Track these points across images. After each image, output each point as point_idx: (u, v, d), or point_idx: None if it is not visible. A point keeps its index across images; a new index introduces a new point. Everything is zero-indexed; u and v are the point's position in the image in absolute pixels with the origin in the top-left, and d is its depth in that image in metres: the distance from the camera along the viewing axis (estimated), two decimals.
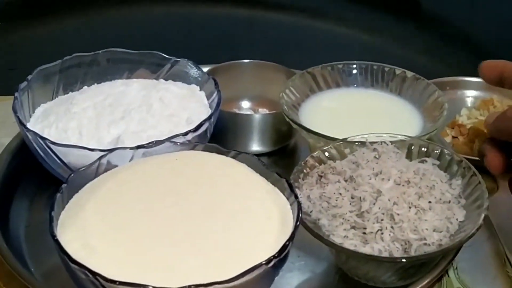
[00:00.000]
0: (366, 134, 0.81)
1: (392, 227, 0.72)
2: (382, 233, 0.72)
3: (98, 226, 0.69)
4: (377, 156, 0.78)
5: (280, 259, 0.67)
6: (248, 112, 0.99)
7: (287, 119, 0.87)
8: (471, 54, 1.19)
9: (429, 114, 0.90)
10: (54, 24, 1.14)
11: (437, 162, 0.80)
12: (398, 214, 0.72)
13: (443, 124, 0.87)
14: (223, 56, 1.02)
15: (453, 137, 0.99)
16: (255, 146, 0.95)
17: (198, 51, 1.04)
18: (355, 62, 0.96)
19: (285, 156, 0.97)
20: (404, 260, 0.71)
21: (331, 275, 0.80)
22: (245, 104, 1.01)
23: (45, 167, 0.84)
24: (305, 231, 0.72)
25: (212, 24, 1.20)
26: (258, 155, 0.93)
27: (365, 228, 0.73)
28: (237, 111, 0.99)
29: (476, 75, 1.06)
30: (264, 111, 0.99)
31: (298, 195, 0.73)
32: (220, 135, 0.92)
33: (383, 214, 0.73)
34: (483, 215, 0.73)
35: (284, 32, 1.21)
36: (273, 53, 1.04)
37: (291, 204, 0.73)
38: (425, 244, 0.72)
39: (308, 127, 0.86)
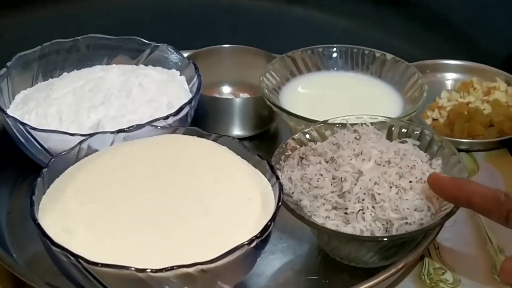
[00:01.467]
0: (347, 116, 0.81)
1: (373, 206, 0.73)
2: (363, 213, 0.72)
3: (78, 210, 0.69)
4: (357, 137, 0.79)
5: (262, 239, 0.67)
6: (229, 97, 0.99)
7: (268, 103, 0.88)
8: (450, 37, 1.19)
9: (409, 96, 0.91)
10: (31, 12, 1.13)
11: (417, 143, 0.80)
12: (379, 194, 0.73)
13: (423, 105, 0.87)
14: (202, 42, 1.02)
15: (434, 119, 0.99)
16: (236, 131, 0.95)
17: (178, 37, 1.03)
18: (335, 45, 0.96)
19: (266, 140, 0.97)
20: (385, 239, 0.72)
21: (313, 257, 0.80)
22: (226, 89, 1.01)
23: (26, 153, 0.83)
24: (288, 213, 0.73)
25: (191, 10, 1.19)
26: (240, 139, 0.93)
27: (346, 209, 0.73)
28: (218, 96, 0.99)
29: (456, 59, 1.08)
30: (244, 95, 0.99)
31: (280, 177, 0.73)
32: (201, 120, 0.92)
33: (364, 194, 0.73)
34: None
35: (263, 18, 1.21)
36: (252, 38, 1.04)
37: (272, 186, 0.73)
38: (406, 223, 0.72)
39: (288, 110, 0.86)
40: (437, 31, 1.19)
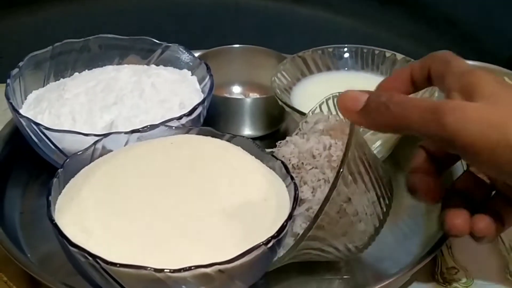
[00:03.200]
0: None
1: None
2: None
3: (94, 210, 0.70)
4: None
5: (278, 239, 0.67)
6: (239, 97, 0.99)
7: (280, 103, 0.88)
8: (457, 37, 1.20)
9: (420, 96, 0.91)
10: (42, 12, 1.13)
11: None
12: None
13: None
14: (210, 42, 1.02)
15: None
16: (247, 130, 0.95)
17: (185, 37, 1.04)
18: (345, 45, 0.97)
19: (276, 139, 0.96)
20: None
21: None
22: (236, 89, 1.01)
23: (39, 154, 0.84)
24: None
25: (199, 10, 1.20)
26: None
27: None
28: (228, 96, 0.99)
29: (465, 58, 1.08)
30: (255, 95, 0.99)
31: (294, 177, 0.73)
32: (212, 120, 0.93)
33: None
34: None
35: (271, 18, 1.21)
36: (260, 38, 1.04)
37: (287, 186, 0.73)
38: None
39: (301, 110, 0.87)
40: (443, 31, 1.20)
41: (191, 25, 1.18)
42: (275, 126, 0.97)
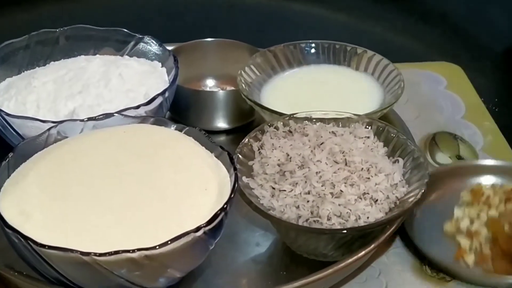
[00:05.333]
0: (313, 111, 0.83)
1: (332, 201, 0.74)
2: (322, 206, 0.73)
3: (37, 194, 0.71)
4: (319, 132, 0.80)
5: (210, 228, 0.69)
6: (210, 89, 1.00)
7: (243, 96, 0.89)
8: (448, 32, 1.19)
9: (388, 92, 0.91)
10: (35, 8, 1.16)
11: (381, 140, 0.81)
12: (339, 189, 0.74)
13: (395, 100, 0.88)
14: (199, 37, 1.03)
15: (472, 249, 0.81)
16: (219, 123, 0.96)
17: (179, 32, 1.05)
18: (317, 41, 0.97)
19: (248, 132, 0.98)
20: (345, 231, 0.72)
21: (276, 249, 0.81)
22: (210, 83, 1.02)
23: (7, 141, 0.86)
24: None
25: (192, 6, 1.22)
26: (222, 131, 0.95)
27: (307, 202, 0.74)
28: (201, 89, 1.00)
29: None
30: (228, 88, 1.00)
31: (238, 168, 0.74)
32: (183, 112, 0.95)
33: (323, 187, 0.74)
34: (422, 191, 0.75)
35: (263, 13, 1.22)
36: (252, 33, 1.05)
37: (230, 177, 0.74)
38: (363, 216, 0.73)
39: (267, 104, 0.88)
40: (435, 25, 1.19)
41: (184, 20, 1.20)
42: (248, 118, 0.98)
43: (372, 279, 0.78)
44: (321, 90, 0.94)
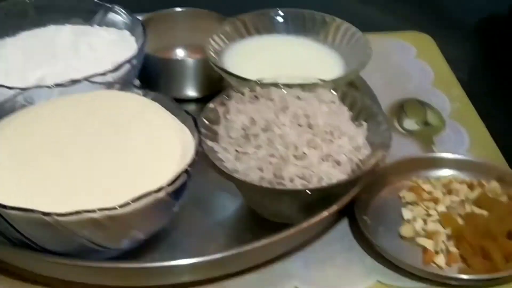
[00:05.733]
0: (279, 76, 0.83)
1: (295, 163, 0.74)
2: (285, 168, 0.74)
3: (1, 158, 0.72)
4: (284, 96, 0.80)
5: (173, 190, 0.69)
6: (180, 58, 1.00)
7: (210, 63, 0.90)
8: (422, 4, 1.20)
9: (357, 59, 0.92)
10: None
11: (346, 104, 0.82)
12: (302, 151, 0.74)
13: (362, 67, 0.88)
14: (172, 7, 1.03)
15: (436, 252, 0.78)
16: (189, 91, 0.97)
17: (148, 2, 1.05)
18: (286, 9, 0.98)
19: None
20: (306, 192, 0.73)
21: (242, 213, 0.82)
22: (180, 52, 1.02)
23: None
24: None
25: None
26: (192, 100, 0.96)
27: (270, 164, 0.75)
28: (169, 57, 1.01)
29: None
30: (198, 57, 1.00)
31: (203, 132, 0.76)
32: (154, 81, 0.95)
33: (286, 149, 0.75)
34: (384, 153, 0.76)
35: None
36: (221, 2, 1.04)
37: (194, 140, 0.75)
38: (326, 177, 0.74)
39: (235, 71, 0.89)
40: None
41: None
42: (218, 87, 0.98)
43: (337, 240, 0.79)
44: (289, 57, 0.94)
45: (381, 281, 0.75)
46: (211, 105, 0.81)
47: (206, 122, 0.80)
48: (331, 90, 0.83)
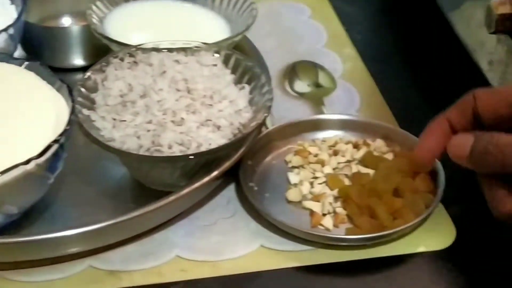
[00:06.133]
0: (160, 41, 0.82)
1: (174, 129, 0.73)
2: (163, 135, 0.72)
3: None
4: (163, 61, 0.79)
5: (44, 161, 0.67)
6: (63, 25, 0.98)
7: (92, 30, 0.87)
8: None
9: (242, 22, 0.90)
10: None
11: (229, 67, 0.80)
12: (180, 116, 0.73)
13: (245, 28, 0.87)
14: None
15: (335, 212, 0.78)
16: (74, 60, 0.94)
17: None
18: None
19: None
20: (184, 158, 0.72)
21: (126, 182, 0.80)
22: (67, 20, 0.99)
23: None
24: None
25: None
26: (80, 69, 0.93)
27: (148, 131, 0.73)
28: (51, 26, 0.97)
29: None
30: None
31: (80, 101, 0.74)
32: (38, 50, 0.93)
33: (164, 115, 0.73)
34: (265, 115, 0.75)
35: None
36: None
37: (69, 110, 0.73)
38: (206, 143, 0.73)
39: (118, 37, 0.86)
40: None
41: None
42: (105, 53, 0.96)
43: (221, 207, 0.78)
44: (174, 22, 0.92)
45: (265, 245, 0.74)
46: (88, 72, 0.79)
47: (84, 90, 0.77)
48: (214, 53, 0.81)
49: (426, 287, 0.72)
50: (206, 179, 0.74)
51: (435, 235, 0.75)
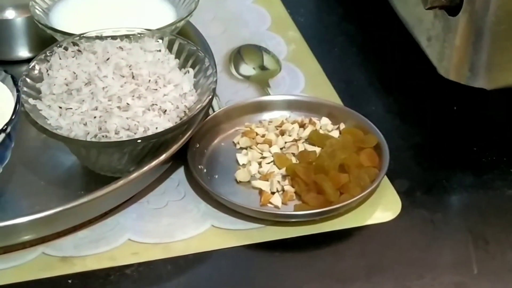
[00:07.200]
0: (104, 29, 0.82)
1: (120, 114, 0.73)
2: (109, 121, 0.73)
3: None
4: (108, 48, 0.79)
5: None
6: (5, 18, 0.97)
7: (34, 20, 0.87)
8: None
9: (185, 8, 0.91)
10: None
11: (173, 52, 0.81)
12: (126, 102, 0.74)
13: (188, 14, 0.88)
14: None
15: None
16: (20, 52, 0.94)
17: None
18: None
19: None
20: (138, 142, 0.73)
21: (76, 170, 0.80)
22: (10, 13, 0.99)
23: None
24: None
25: None
26: (26, 61, 0.93)
27: (94, 117, 0.74)
28: None
29: None
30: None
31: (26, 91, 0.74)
32: None
33: (110, 101, 0.74)
34: (209, 97, 0.76)
35: None
36: None
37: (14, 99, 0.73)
38: (151, 127, 0.73)
39: (61, 27, 0.86)
40: None
41: None
42: (50, 44, 0.96)
43: (171, 189, 0.79)
44: (118, 10, 0.92)
45: (215, 225, 0.75)
46: (33, 62, 0.79)
47: (29, 80, 0.78)
48: (158, 39, 0.82)
49: (375, 259, 0.73)
50: (154, 163, 0.75)
51: (381, 208, 0.77)
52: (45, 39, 0.92)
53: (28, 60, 0.91)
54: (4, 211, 0.75)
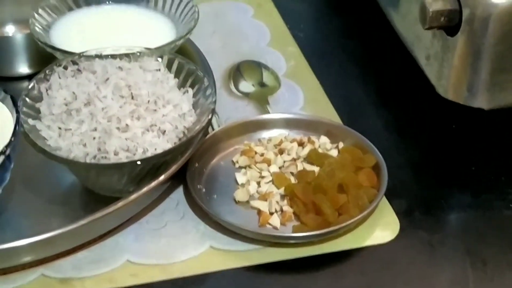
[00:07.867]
0: (103, 47, 0.82)
1: (119, 135, 0.74)
2: (109, 142, 0.73)
3: None
4: (107, 68, 0.79)
5: None
6: (5, 35, 0.98)
7: (34, 38, 0.87)
8: None
9: (184, 26, 0.91)
10: None
11: (172, 72, 0.81)
12: (125, 123, 0.74)
13: (187, 31, 0.88)
14: None
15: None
16: (20, 68, 0.94)
17: None
18: None
19: None
20: (138, 163, 0.73)
21: (75, 189, 0.81)
22: (11, 28, 0.99)
23: None
24: None
25: None
26: (25, 77, 0.94)
27: (94, 138, 0.74)
28: None
29: None
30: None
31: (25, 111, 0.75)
32: None
33: (109, 122, 0.74)
34: (209, 118, 0.76)
35: None
36: None
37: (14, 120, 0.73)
38: (151, 148, 0.74)
39: (61, 45, 0.87)
40: None
41: None
42: (51, 61, 0.96)
43: (170, 209, 0.79)
44: (118, 27, 0.93)
45: (214, 246, 0.75)
46: (32, 82, 0.79)
47: (28, 100, 0.78)
48: (157, 58, 0.82)
49: (374, 280, 0.74)
50: (153, 183, 0.75)
51: (380, 229, 0.77)
52: (45, 56, 0.92)
53: (28, 77, 0.92)
54: (4, 232, 0.75)
